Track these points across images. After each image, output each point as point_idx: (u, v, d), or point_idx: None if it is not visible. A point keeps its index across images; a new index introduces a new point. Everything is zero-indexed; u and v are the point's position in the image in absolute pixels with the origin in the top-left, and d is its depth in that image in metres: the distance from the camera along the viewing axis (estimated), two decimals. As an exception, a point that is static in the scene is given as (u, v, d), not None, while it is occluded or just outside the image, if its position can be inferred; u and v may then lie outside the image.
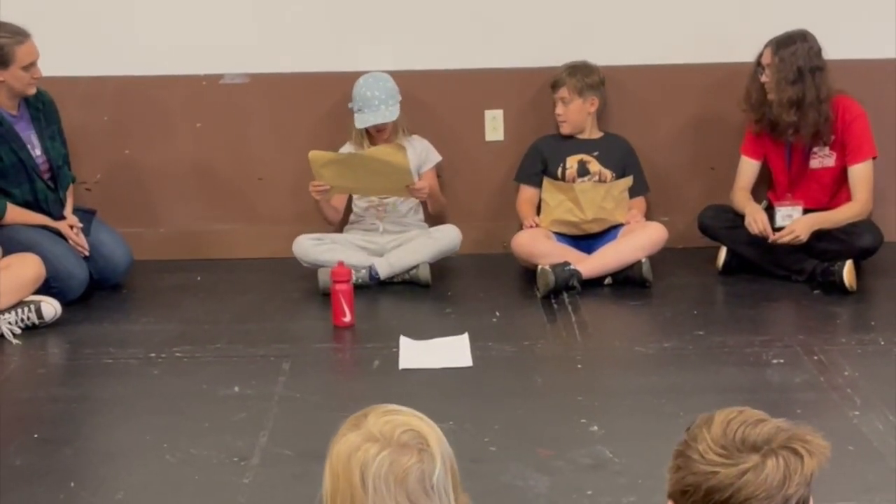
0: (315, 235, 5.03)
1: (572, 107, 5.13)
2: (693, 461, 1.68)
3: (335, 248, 4.94)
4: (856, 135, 4.97)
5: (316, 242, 4.98)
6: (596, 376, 4.03)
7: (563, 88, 5.13)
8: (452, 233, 5.03)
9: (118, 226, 5.13)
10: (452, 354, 4.15)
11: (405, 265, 4.95)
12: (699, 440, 1.69)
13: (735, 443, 1.67)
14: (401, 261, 4.96)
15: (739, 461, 1.65)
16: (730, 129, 5.30)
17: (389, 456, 1.66)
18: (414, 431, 1.69)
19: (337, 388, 4.05)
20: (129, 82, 5.34)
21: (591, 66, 5.17)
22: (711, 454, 1.67)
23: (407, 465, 1.66)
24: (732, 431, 1.68)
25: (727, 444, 1.67)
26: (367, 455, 1.66)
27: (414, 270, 4.95)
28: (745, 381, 3.91)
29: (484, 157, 5.43)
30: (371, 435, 1.68)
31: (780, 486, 1.64)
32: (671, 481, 1.73)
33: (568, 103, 5.13)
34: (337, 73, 5.29)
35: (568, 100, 5.13)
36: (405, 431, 1.69)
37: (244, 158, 5.43)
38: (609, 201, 5.03)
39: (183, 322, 4.60)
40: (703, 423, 1.72)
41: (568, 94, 5.13)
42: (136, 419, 3.76)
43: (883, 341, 4.22)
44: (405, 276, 4.97)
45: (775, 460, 1.65)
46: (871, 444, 3.39)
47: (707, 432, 1.69)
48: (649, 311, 4.70)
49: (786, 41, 4.92)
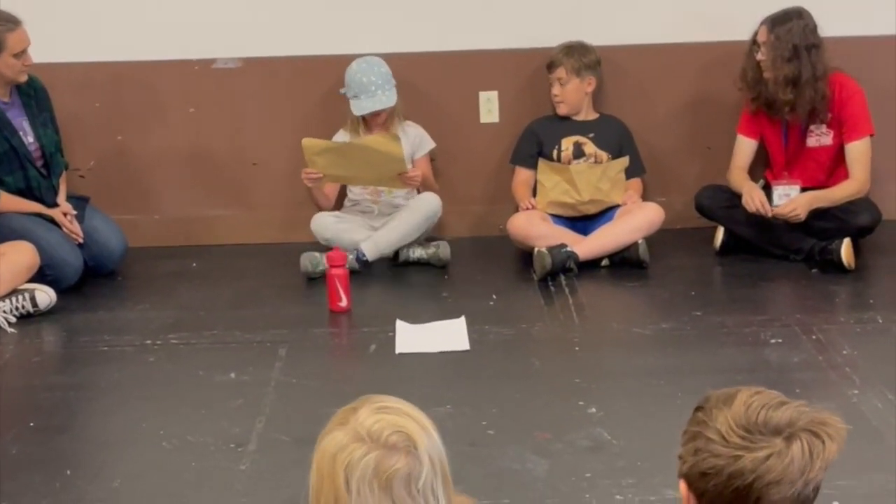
0: (334, 213, 5.03)
1: (569, 87, 5.10)
2: (713, 443, 1.65)
3: (353, 229, 4.94)
4: (853, 112, 4.95)
5: (336, 220, 4.97)
6: (594, 358, 4.01)
7: (560, 69, 5.10)
8: (431, 198, 5.00)
9: (112, 213, 5.11)
10: (449, 338, 4.13)
11: (391, 242, 4.92)
12: (717, 420, 1.65)
13: (758, 425, 1.63)
14: (385, 238, 4.92)
15: (763, 445, 1.62)
16: (726, 108, 5.28)
17: (375, 458, 1.62)
18: (403, 433, 1.65)
19: (334, 374, 4.03)
20: (122, 68, 5.31)
21: (587, 46, 5.14)
22: (734, 437, 1.63)
23: (392, 469, 1.62)
24: (755, 413, 1.64)
25: (750, 427, 1.63)
26: (352, 456, 1.62)
27: (434, 249, 4.95)
28: (744, 361, 3.89)
29: (479, 139, 5.41)
30: (358, 435, 1.64)
31: (803, 471, 1.61)
32: (687, 463, 1.68)
33: (565, 84, 5.10)
34: (330, 55, 5.25)
35: (565, 80, 5.10)
36: (394, 433, 1.64)
37: (238, 143, 5.40)
38: (605, 182, 5.00)
39: (178, 308, 4.58)
40: (722, 402, 1.68)
41: (565, 74, 5.10)
42: (132, 406, 3.74)
43: (881, 319, 4.21)
44: (423, 255, 4.97)
45: (799, 444, 1.62)
46: (870, 422, 3.38)
47: (727, 412, 1.66)
48: (647, 293, 4.68)
49: (781, 18, 4.89)
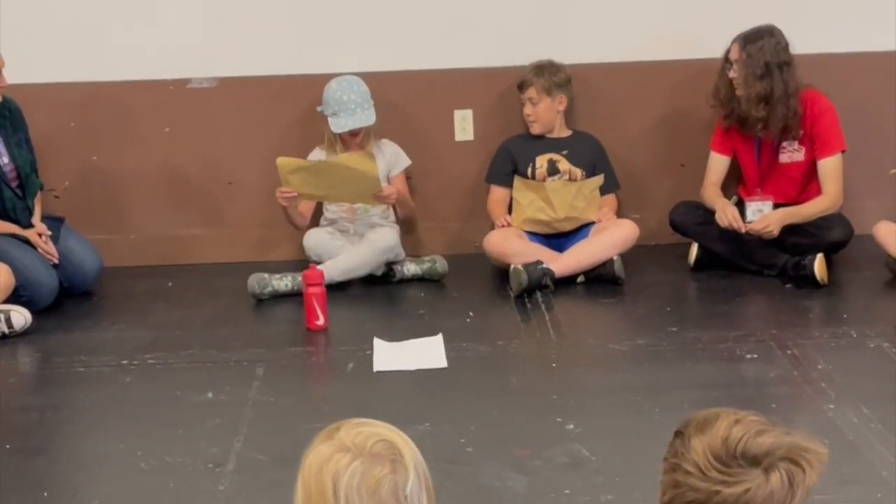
0: (328, 228, 5.05)
1: (541, 106, 5.14)
2: (692, 476, 1.62)
3: (346, 247, 4.95)
4: (824, 129, 5.00)
5: (330, 236, 4.99)
6: (571, 375, 4.02)
7: (531, 89, 5.13)
8: (388, 234, 4.99)
9: (87, 233, 5.09)
10: (427, 356, 4.14)
11: (342, 270, 4.86)
12: (695, 451, 1.62)
13: (735, 457, 1.60)
14: (337, 266, 4.87)
15: (742, 478, 1.59)
16: (699, 125, 5.32)
17: (361, 466, 1.63)
18: (386, 442, 1.66)
19: (311, 392, 4.03)
20: (96, 88, 5.30)
21: (557, 65, 5.18)
22: (712, 470, 1.60)
23: (379, 476, 1.63)
24: (734, 443, 1.61)
25: (727, 458, 1.60)
26: (338, 465, 1.63)
27: (429, 265, 5.00)
28: (720, 376, 3.91)
29: (454, 157, 5.42)
30: (343, 445, 1.65)
31: (784, 501, 1.59)
32: (667, 494, 1.66)
33: (536, 103, 5.14)
34: (306, 75, 5.27)
35: (536, 100, 5.14)
36: (378, 442, 1.66)
37: (213, 163, 5.40)
38: (580, 200, 5.03)
39: (155, 328, 4.57)
40: (699, 429, 1.65)
41: (536, 94, 5.13)
42: (109, 427, 3.73)
43: (855, 334, 4.24)
44: (418, 271, 5.01)
45: (778, 475, 1.59)
46: (846, 437, 3.40)
47: (704, 441, 1.62)
48: (622, 309, 4.71)
49: (753, 36, 4.94)
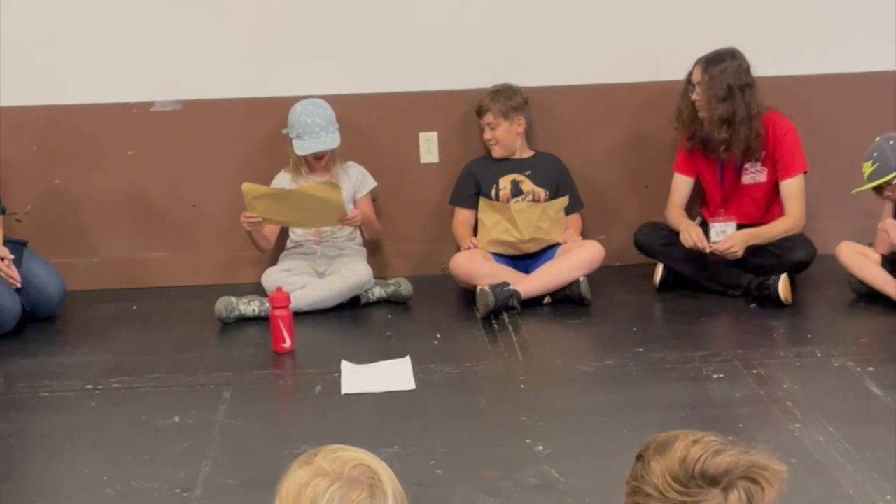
0: (283, 267, 5.02)
1: (500, 130, 5.17)
2: (652, 499, 1.63)
3: (305, 278, 4.94)
4: (787, 150, 5.05)
5: (287, 273, 4.95)
6: (539, 396, 4.03)
7: (489, 114, 5.17)
8: (362, 272, 4.97)
9: (50, 256, 5.05)
10: (395, 378, 4.13)
11: (311, 300, 4.86)
12: (655, 473, 1.64)
13: (694, 477, 1.61)
14: (307, 296, 4.86)
15: (701, 497, 1.60)
16: (662, 147, 5.36)
17: (340, 490, 1.62)
18: (364, 466, 1.66)
19: (279, 415, 4.01)
20: (58, 111, 5.27)
21: (513, 88, 5.21)
22: (672, 492, 1.62)
23: (357, 500, 1.62)
24: (692, 464, 1.62)
25: (686, 480, 1.61)
26: (316, 490, 1.62)
27: (394, 288, 5.00)
28: (687, 396, 3.93)
29: (419, 179, 5.43)
30: (321, 470, 1.65)
31: None
32: None
33: (495, 128, 5.17)
34: (271, 98, 5.26)
35: (494, 124, 5.17)
36: (355, 466, 1.65)
37: (178, 185, 5.38)
38: (545, 221, 5.05)
39: (119, 352, 4.53)
40: (659, 451, 1.66)
41: (493, 118, 5.16)
42: (74, 453, 3.69)
43: (820, 353, 4.27)
44: (383, 294, 5.00)
45: (737, 494, 1.60)
46: (813, 456, 3.42)
47: (662, 462, 1.64)
48: (589, 330, 4.72)
49: (715, 59, 4.98)
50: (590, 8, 5.33)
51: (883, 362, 4.16)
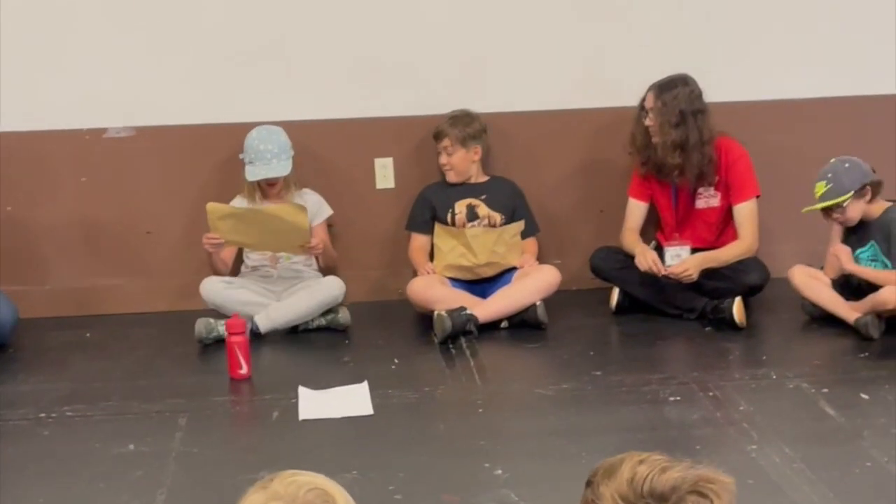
0: (225, 278, 4.98)
1: (456, 157, 5.19)
2: None
3: (244, 292, 4.92)
4: (739, 175, 5.10)
5: (226, 285, 4.92)
6: (497, 420, 4.03)
7: (446, 139, 5.18)
8: (334, 285, 4.99)
9: (2, 284, 5.01)
10: (352, 403, 4.12)
11: (287, 319, 4.90)
12: (604, 498, 1.64)
13: (643, 497, 1.62)
14: (281, 314, 4.90)
15: None
16: (617, 172, 5.39)
17: None
18: (320, 490, 1.64)
19: (236, 442, 3.98)
20: (10, 138, 5.22)
21: (472, 115, 5.23)
22: None
23: None
24: (640, 484, 1.63)
25: (635, 500, 1.62)
26: None
27: (332, 315, 4.96)
28: (644, 419, 3.94)
29: (375, 204, 5.43)
30: (276, 494, 1.62)
31: None
32: None
33: (452, 154, 5.19)
34: (225, 124, 5.25)
35: (451, 150, 5.19)
36: (310, 490, 1.63)
37: (131, 212, 5.34)
38: (501, 246, 5.06)
39: (73, 380, 4.48)
40: (607, 475, 1.67)
41: (451, 144, 5.18)
42: (27, 483, 3.63)
43: (775, 375, 4.31)
44: (322, 321, 4.96)
45: None
46: (769, 477, 3.44)
47: (610, 485, 1.64)
48: (546, 353, 4.73)
49: (667, 85, 5.03)
50: (545, 34, 5.36)
51: (836, 383, 4.20)
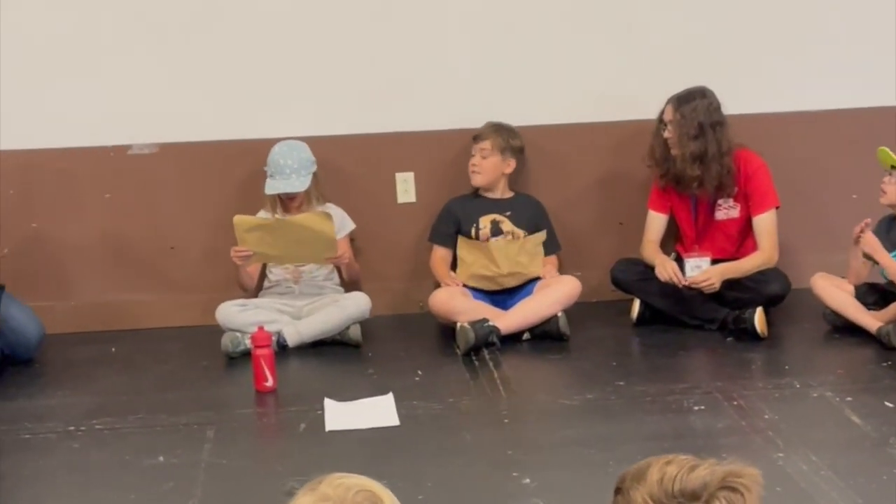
0: (238, 301, 5.01)
1: (489, 161, 5.21)
2: None
3: (260, 313, 4.93)
4: (758, 186, 5.12)
5: (241, 308, 4.95)
6: (524, 430, 4.05)
7: (487, 141, 5.20)
8: (361, 300, 5.03)
9: (28, 300, 5.02)
10: (378, 414, 4.14)
11: (313, 334, 4.95)
12: (635, 501, 1.66)
13: (675, 496, 1.64)
14: (309, 329, 4.95)
15: None
16: (636, 184, 5.42)
17: None
18: (368, 492, 1.66)
19: (264, 453, 4.01)
20: (35, 155, 5.27)
21: (515, 131, 5.26)
22: None
23: None
24: (669, 483, 1.65)
25: (667, 500, 1.64)
26: None
27: (344, 330, 4.97)
28: (669, 428, 3.96)
29: (397, 219, 5.46)
30: (325, 496, 1.65)
31: None
32: None
33: (486, 157, 5.20)
34: (247, 140, 5.29)
35: (487, 153, 5.20)
36: (358, 492, 1.65)
37: (155, 228, 5.38)
38: (523, 256, 5.09)
39: (100, 394, 4.52)
40: (636, 479, 1.69)
41: (490, 147, 5.20)
42: (59, 494, 3.68)
43: (798, 384, 4.32)
44: (336, 336, 4.97)
45: None
46: (798, 485, 3.46)
47: (642, 489, 1.66)
48: (569, 364, 4.75)
49: (686, 97, 5.06)
50: (564, 48, 5.40)
51: (860, 392, 4.22)
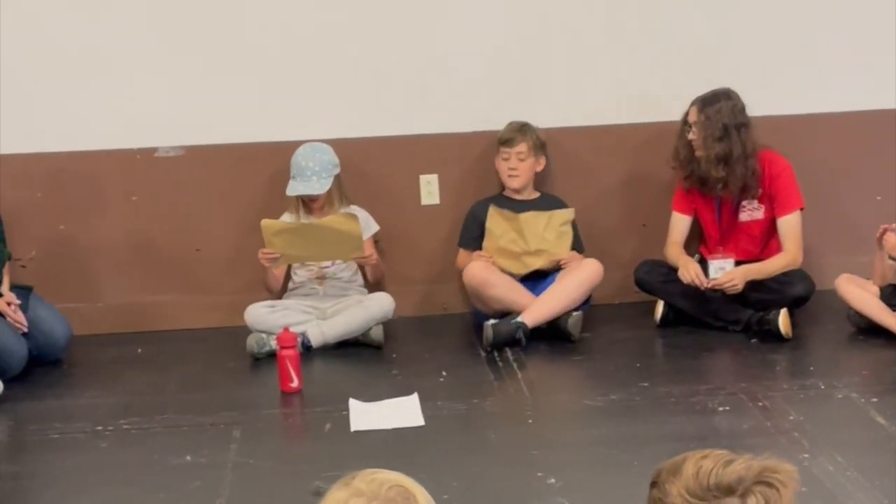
0: (268, 303, 5.04)
1: (526, 164, 5.23)
2: None
3: (289, 315, 4.96)
4: (783, 187, 5.12)
5: (270, 310, 4.98)
6: (548, 430, 4.06)
7: (522, 144, 5.21)
8: (384, 301, 5.05)
9: (55, 301, 5.07)
10: (403, 414, 4.16)
11: (337, 334, 4.97)
12: (671, 494, 1.67)
13: (710, 489, 1.65)
14: (333, 330, 4.98)
15: None
16: (660, 186, 5.42)
17: None
18: (401, 487, 1.67)
19: (290, 453, 4.03)
20: (62, 158, 5.32)
21: (533, 127, 5.27)
22: None
23: None
24: (705, 477, 1.66)
25: (703, 493, 1.65)
26: None
27: (367, 331, 4.99)
28: (694, 429, 3.97)
29: (420, 221, 5.48)
30: (358, 491, 1.66)
31: None
32: None
33: (524, 159, 5.22)
34: (272, 143, 5.32)
35: (525, 156, 5.22)
36: (391, 487, 1.67)
37: (181, 230, 5.42)
38: (550, 231, 5.10)
39: (127, 394, 4.55)
40: (672, 473, 1.69)
41: (526, 150, 5.21)
42: (88, 493, 3.70)
43: (823, 385, 4.32)
44: (358, 337, 4.99)
45: (755, 499, 1.64)
46: (824, 485, 3.45)
47: (678, 483, 1.67)
48: (593, 365, 4.76)
49: (711, 99, 5.06)
50: (587, 50, 5.41)
51: (885, 393, 4.21)
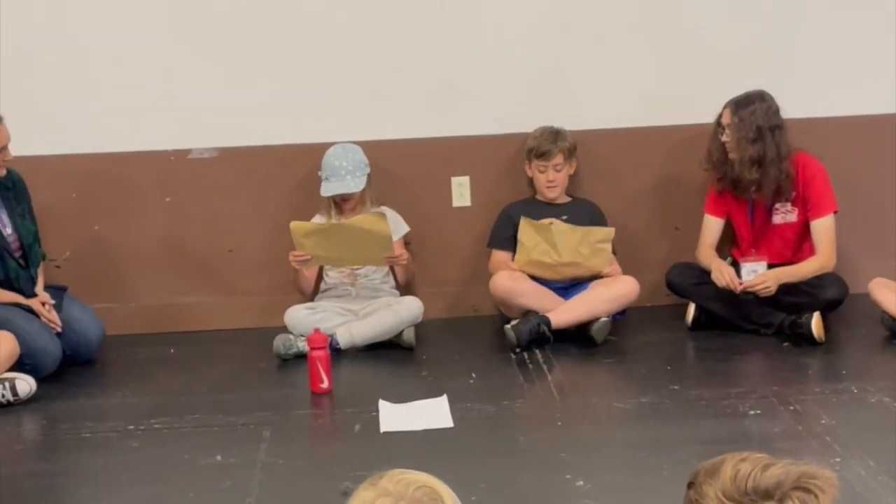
0: (307, 305, 5.06)
1: (563, 173, 5.23)
2: None
3: (328, 317, 4.98)
4: (816, 190, 5.09)
5: (310, 312, 5.00)
6: (577, 432, 4.05)
7: (559, 155, 5.20)
8: (414, 305, 5.05)
9: (89, 301, 5.12)
10: (433, 416, 4.17)
11: (366, 337, 4.97)
12: (708, 496, 1.65)
13: (748, 493, 1.63)
14: (362, 332, 4.98)
15: None
16: (692, 188, 5.40)
17: None
18: (428, 488, 1.68)
19: (320, 453, 4.05)
20: (97, 159, 5.36)
21: (564, 132, 5.26)
22: None
23: None
24: (743, 481, 1.64)
25: (740, 497, 1.63)
26: None
27: (398, 334, 5.00)
28: (725, 432, 3.95)
29: (452, 223, 5.49)
30: (385, 491, 1.67)
31: None
32: None
33: (561, 170, 5.21)
34: (305, 144, 5.34)
35: (561, 166, 5.21)
36: (419, 488, 1.67)
37: (214, 231, 5.45)
38: (585, 247, 5.06)
39: (159, 394, 4.58)
40: (709, 475, 1.68)
41: (563, 160, 5.21)
42: (119, 492, 3.73)
43: (856, 389, 4.29)
44: (391, 338, 5.00)
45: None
46: (854, 490, 3.43)
47: (715, 485, 1.65)
48: (623, 368, 4.75)
49: (745, 101, 5.04)
50: (620, 52, 5.40)
51: (919, 398, 4.18)
